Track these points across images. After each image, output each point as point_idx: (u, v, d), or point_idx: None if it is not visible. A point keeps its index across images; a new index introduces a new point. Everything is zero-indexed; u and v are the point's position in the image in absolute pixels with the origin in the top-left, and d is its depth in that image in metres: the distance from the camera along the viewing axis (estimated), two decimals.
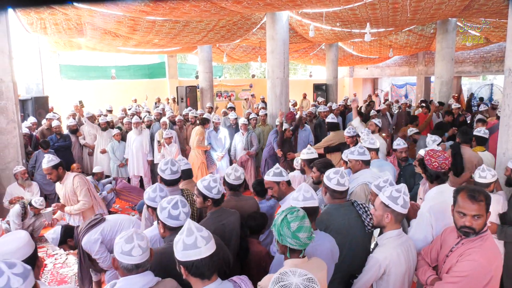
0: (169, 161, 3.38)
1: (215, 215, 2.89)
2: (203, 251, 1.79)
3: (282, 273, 1.54)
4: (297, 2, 6.50)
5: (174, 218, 2.36)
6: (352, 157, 3.64)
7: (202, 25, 9.31)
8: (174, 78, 17.17)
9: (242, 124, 7.58)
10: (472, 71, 16.70)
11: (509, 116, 3.96)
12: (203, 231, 1.86)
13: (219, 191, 2.86)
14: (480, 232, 2.08)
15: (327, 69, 15.75)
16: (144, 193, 2.90)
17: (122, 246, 1.97)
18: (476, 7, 7.45)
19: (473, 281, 2.01)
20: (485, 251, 2.05)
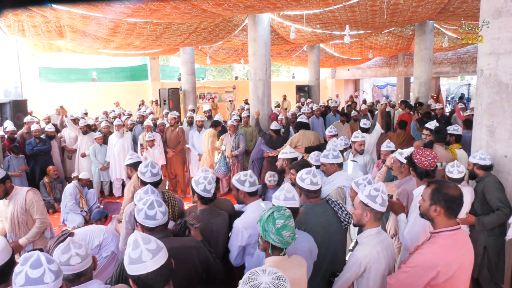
0: (149, 163, 3.37)
1: (204, 213, 2.93)
2: (149, 266, 1.71)
3: (252, 272, 1.55)
4: (278, 4, 6.57)
5: (151, 218, 2.35)
6: (327, 161, 3.69)
7: (184, 27, 9.30)
8: (156, 80, 17.06)
9: (230, 125, 7.62)
10: (450, 72, 17.11)
11: (481, 115, 4.09)
12: (150, 243, 1.77)
13: (206, 189, 2.89)
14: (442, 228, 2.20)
15: (309, 71, 15.90)
16: (135, 195, 2.87)
17: (60, 257, 1.93)
18: (451, 10, 7.67)
19: (420, 273, 2.12)
20: (437, 247, 2.15)
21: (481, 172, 3.82)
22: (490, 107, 3.97)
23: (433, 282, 2.10)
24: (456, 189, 2.19)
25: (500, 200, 3.61)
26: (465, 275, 2.19)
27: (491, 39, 3.89)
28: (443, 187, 2.20)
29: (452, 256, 2.11)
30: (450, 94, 21.73)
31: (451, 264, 2.09)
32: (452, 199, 2.16)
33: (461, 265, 2.13)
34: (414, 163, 3.16)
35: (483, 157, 3.82)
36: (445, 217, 2.19)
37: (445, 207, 2.17)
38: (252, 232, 2.70)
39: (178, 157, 7.97)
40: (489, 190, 3.68)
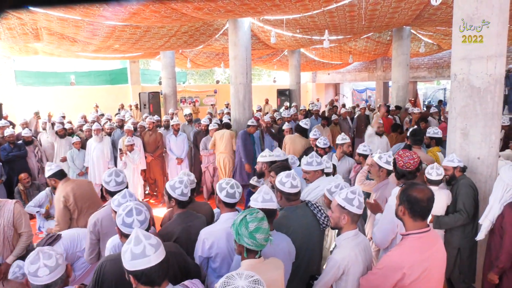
0: (112, 172, 3.29)
1: (182, 216, 2.92)
2: (153, 259, 1.76)
3: (228, 276, 1.56)
4: (258, 9, 6.62)
5: (127, 225, 2.35)
6: (311, 168, 3.63)
7: (164, 31, 9.25)
8: (136, 84, 16.88)
9: (212, 129, 7.66)
10: (427, 76, 17.54)
11: (455, 118, 4.21)
12: (151, 238, 1.83)
13: (183, 193, 2.88)
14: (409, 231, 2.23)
15: (290, 75, 16.03)
16: (113, 200, 2.83)
17: (28, 267, 1.91)
18: (427, 16, 7.88)
19: (386, 275, 2.15)
20: (403, 249, 2.19)
21: (460, 174, 3.92)
22: (463, 111, 4.09)
23: (399, 283, 2.13)
24: (423, 192, 2.18)
25: (464, 204, 3.69)
26: (435, 277, 2.21)
27: (463, 44, 4.02)
28: (409, 189, 2.22)
29: (418, 258, 2.13)
30: (427, 98, 22.25)
31: (417, 267, 2.11)
32: (415, 200, 2.17)
33: (428, 267, 2.14)
34: (395, 164, 3.26)
35: (460, 160, 3.92)
36: (410, 219, 2.21)
37: (409, 208, 2.19)
38: (213, 242, 2.62)
39: (157, 161, 7.90)
40: (460, 191, 3.77)
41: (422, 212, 2.19)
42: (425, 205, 2.17)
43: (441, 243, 2.34)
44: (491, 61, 3.89)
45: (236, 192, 2.77)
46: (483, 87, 3.94)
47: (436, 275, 2.23)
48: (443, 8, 7.09)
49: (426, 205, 2.17)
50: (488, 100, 3.96)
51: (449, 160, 3.96)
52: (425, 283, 2.15)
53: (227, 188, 2.76)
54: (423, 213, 2.19)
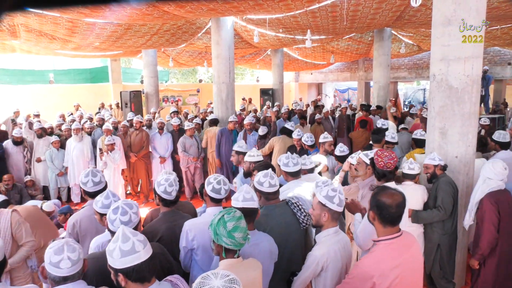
0: (89, 172, 3.22)
1: (167, 215, 2.90)
2: (142, 255, 1.77)
3: (204, 276, 1.55)
4: (240, 8, 6.60)
5: (111, 222, 2.36)
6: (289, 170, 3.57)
7: (146, 29, 9.14)
8: (117, 83, 16.63)
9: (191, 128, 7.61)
10: (407, 77, 17.84)
11: (434, 118, 4.29)
12: (138, 235, 1.83)
13: (166, 191, 2.86)
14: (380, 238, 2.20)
15: (273, 74, 16.07)
16: (95, 202, 2.78)
17: (51, 257, 1.90)
18: (407, 17, 8.01)
19: (357, 283, 2.12)
20: (372, 258, 2.14)
21: (440, 172, 4.00)
22: (442, 110, 4.17)
23: None
24: (392, 197, 2.13)
25: (442, 200, 3.79)
26: (409, 282, 2.17)
27: (442, 46, 4.10)
28: (379, 193, 2.18)
29: (388, 266, 2.08)
30: (407, 98, 22.64)
31: (387, 275, 2.06)
32: (383, 206, 2.13)
33: (401, 274, 2.09)
34: (374, 164, 3.29)
35: (440, 158, 4.00)
36: (380, 224, 2.17)
37: (377, 214, 2.15)
38: (196, 234, 2.63)
39: (141, 162, 7.80)
40: (440, 188, 3.86)
41: (391, 218, 2.14)
42: (393, 211, 2.12)
43: (417, 247, 2.29)
44: (468, 62, 3.98)
45: (222, 189, 2.76)
46: (461, 87, 4.03)
47: (411, 280, 2.19)
48: (423, 9, 7.21)
49: (394, 211, 2.12)
50: (466, 100, 4.05)
51: (430, 158, 4.05)
52: None
53: (213, 183, 2.76)
54: (392, 219, 2.14)
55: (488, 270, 3.52)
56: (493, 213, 3.39)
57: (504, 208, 3.46)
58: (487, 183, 3.50)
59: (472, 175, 4.24)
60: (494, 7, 6.69)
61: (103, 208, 2.70)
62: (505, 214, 3.46)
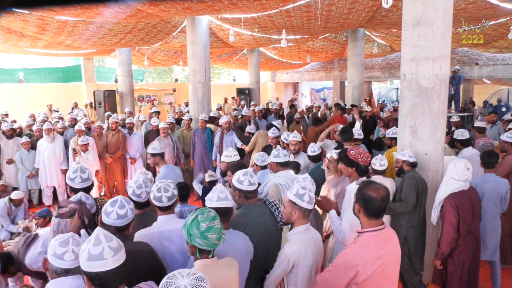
0: (78, 168, 3.21)
1: (140, 217, 2.84)
2: (109, 263, 1.68)
3: (170, 276, 1.54)
4: (215, 7, 6.59)
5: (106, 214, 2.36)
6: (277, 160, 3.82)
7: (119, 27, 8.99)
8: (91, 82, 16.26)
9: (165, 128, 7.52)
10: (380, 77, 18.22)
11: (405, 116, 4.41)
12: (112, 241, 1.75)
13: (135, 193, 2.82)
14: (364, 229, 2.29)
15: (250, 74, 16.10)
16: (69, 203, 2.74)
17: (56, 249, 1.92)
18: (379, 18, 8.19)
19: (341, 272, 2.20)
20: (357, 247, 2.24)
21: (408, 168, 4.11)
22: (412, 109, 4.29)
23: (353, 281, 2.18)
24: (378, 191, 2.23)
25: (406, 194, 3.89)
26: (389, 274, 2.26)
27: (412, 46, 4.21)
28: (365, 187, 2.27)
29: (371, 256, 2.17)
30: (381, 98, 23.12)
31: (370, 264, 2.15)
32: (367, 199, 2.22)
33: (382, 264, 2.18)
34: (356, 162, 3.35)
35: (411, 155, 4.11)
36: (365, 217, 2.26)
37: (363, 206, 2.25)
38: None
39: (117, 163, 7.68)
40: (404, 182, 3.98)
41: (376, 211, 2.23)
42: (378, 204, 2.21)
43: (396, 241, 2.38)
44: (436, 62, 4.11)
45: (163, 196, 2.66)
46: (430, 86, 4.15)
47: (390, 272, 2.28)
48: (394, 10, 7.39)
49: (379, 205, 2.21)
50: (435, 99, 4.18)
51: (401, 154, 4.18)
52: (379, 280, 2.20)
53: (154, 191, 2.70)
54: (376, 212, 2.24)
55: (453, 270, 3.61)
56: (453, 215, 3.47)
57: (465, 209, 3.52)
58: (449, 183, 3.56)
59: (441, 171, 4.38)
60: (461, 8, 6.93)
61: None
62: (467, 214, 3.52)
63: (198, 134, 7.70)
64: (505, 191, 4.16)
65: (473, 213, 3.58)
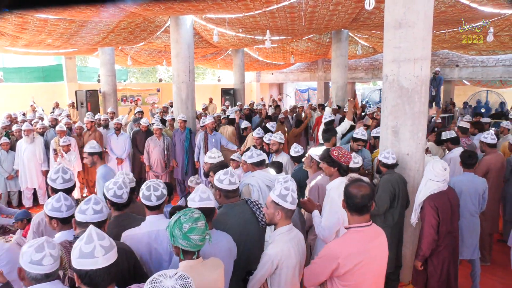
0: (59, 169, 3.17)
1: (118, 219, 2.82)
2: (100, 262, 1.69)
3: (153, 280, 1.52)
4: (199, 7, 6.56)
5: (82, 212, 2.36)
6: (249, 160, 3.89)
7: (102, 26, 8.86)
8: (73, 82, 15.99)
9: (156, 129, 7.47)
10: (364, 77, 18.43)
11: (387, 117, 4.47)
12: (104, 239, 1.76)
13: (116, 194, 2.79)
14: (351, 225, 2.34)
15: (234, 74, 16.08)
16: (46, 204, 2.67)
17: (32, 255, 1.87)
18: (362, 20, 8.28)
19: (324, 263, 2.27)
20: (341, 241, 2.31)
21: (384, 169, 4.15)
22: (394, 110, 4.35)
23: (335, 273, 2.22)
24: (359, 188, 2.27)
25: (379, 198, 3.87)
26: (371, 271, 2.29)
27: (393, 47, 4.27)
28: (349, 184, 2.33)
29: (353, 251, 2.21)
30: (364, 98, 23.39)
31: (351, 258, 2.20)
32: (348, 195, 2.28)
33: (364, 260, 2.22)
34: (339, 162, 3.38)
35: (387, 156, 4.12)
36: (348, 212, 2.32)
37: (347, 203, 2.31)
38: (131, 246, 2.50)
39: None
40: (380, 186, 4.01)
41: (356, 208, 2.27)
42: (358, 201, 2.25)
43: (383, 239, 2.40)
44: (417, 64, 4.18)
45: (152, 195, 2.62)
46: (411, 87, 4.22)
47: (373, 269, 2.30)
48: (377, 12, 7.48)
49: (359, 202, 2.25)
50: (416, 100, 4.25)
51: (380, 154, 4.22)
52: (359, 275, 2.23)
53: (143, 189, 2.66)
54: (357, 208, 2.27)
55: (433, 270, 3.66)
56: (432, 217, 3.52)
57: (444, 209, 3.56)
58: (428, 185, 3.59)
59: (423, 171, 4.44)
60: (442, 11, 7.06)
61: (53, 211, 2.60)
62: (446, 215, 3.56)
63: (178, 134, 7.70)
64: (483, 190, 4.25)
65: (452, 213, 3.63)
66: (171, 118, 8.29)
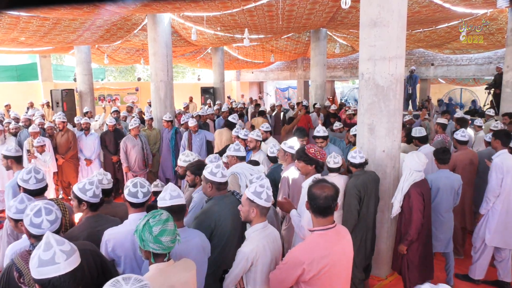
0: (31, 169, 3.07)
1: (90, 220, 2.74)
2: (62, 267, 1.61)
3: (114, 282, 1.49)
4: (176, 5, 6.50)
5: (36, 226, 2.16)
6: (230, 153, 4.00)
7: (77, 24, 8.67)
8: (48, 81, 15.62)
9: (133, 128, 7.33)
10: (343, 76, 18.65)
11: (363, 115, 4.52)
12: (64, 244, 1.68)
13: (96, 194, 2.73)
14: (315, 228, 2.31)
15: (214, 73, 16.02)
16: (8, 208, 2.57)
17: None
18: (339, 19, 8.37)
19: (289, 270, 2.22)
20: (305, 245, 2.26)
21: (353, 169, 4.14)
22: (370, 108, 4.41)
23: (301, 278, 2.20)
24: (322, 189, 2.23)
25: (349, 204, 3.87)
26: (337, 273, 2.27)
27: (369, 46, 4.33)
28: (313, 185, 2.30)
29: (318, 255, 2.17)
30: (344, 97, 23.66)
31: (317, 263, 2.16)
32: (312, 196, 2.24)
33: (329, 264, 2.18)
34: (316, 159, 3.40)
35: (354, 156, 4.04)
36: (312, 213, 2.29)
37: (310, 205, 2.27)
38: (115, 244, 2.49)
39: (70, 164, 7.39)
40: (346, 190, 3.94)
41: (319, 210, 2.23)
42: (321, 202, 2.20)
43: (348, 240, 2.38)
44: (392, 62, 4.24)
45: (139, 192, 2.61)
46: (386, 85, 4.28)
47: (339, 271, 2.27)
48: (353, 12, 7.57)
49: (322, 203, 2.20)
50: (391, 98, 4.32)
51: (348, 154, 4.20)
52: (326, 279, 2.20)
53: (129, 186, 2.64)
54: (320, 210, 2.23)
55: (413, 252, 3.79)
56: (420, 202, 3.67)
57: (427, 195, 3.78)
58: (414, 175, 3.75)
59: (398, 167, 4.53)
60: (416, 11, 7.20)
61: (18, 214, 2.50)
62: (428, 200, 3.79)
63: (165, 133, 7.69)
64: (458, 186, 4.37)
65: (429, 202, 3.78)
66: (149, 118, 8.18)
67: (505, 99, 8.32)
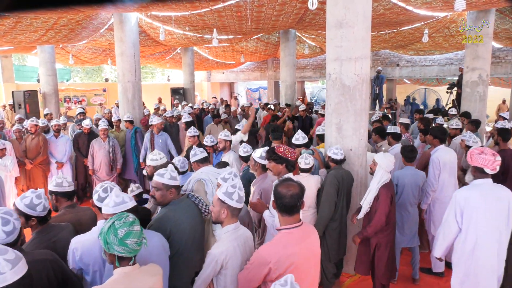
0: None
1: (42, 233, 2.61)
2: (9, 277, 1.57)
3: None
4: (143, 4, 6.39)
5: None
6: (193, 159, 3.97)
7: (39, 23, 8.35)
8: (9, 82, 15.03)
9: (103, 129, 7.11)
10: (312, 76, 18.90)
11: (331, 114, 4.60)
12: (8, 253, 1.63)
13: (45, 207, 2.59)
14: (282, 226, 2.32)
15: (184, 73, 15.86)
16: None
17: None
18: (308, 20, 8.48)
19: (256, 269, 2.21)
20: (271, 245, 2.26)
21: (333, 165, 4.27)
22: (337, 107, 4.49)
23: (268, 277, 2.20)
24: (288, 187, 2.24)
25: (327, 193, 3.97)
26: (304, 271, 2.27)
27: (335, 47, 4.41)
28: (279, 184, 2.30)
29: (284, 253, 2.17)
30: (313, 97, 24.00)
31: (283, 261, 2.16)
32: (278, 195, 2.25)
33: (296, 262, 2.19)
34: (286, 158, 3.41)
35: (336, 152, 4.21)
36: (278, 212, 2.30)
37: (276, 204, 2.27)
38: (83, 253, 2.39)
39: (38, 169, 7.10)
40: (326, 181, 4.08)
41: (285, 208, 2.23)
42: (287, 201, 2.21)
43: (315, 238, 2.39)
44: (358, 62, 4.34)
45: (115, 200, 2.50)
46: (352, 85, 4.38)
47: (306, 269, 2.28)
48: (321, 13, 7.68)
49: (288, 201, 2.21)
50: (357, 98, 4.41)
51: (329, 149, 4.31)
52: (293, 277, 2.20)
53: (99, 191, 2.57)
54: (286, 209, 2.23)
55: (381, 254, 3.86)
56: (387, 205, 3.70)
57: (393, 198, 3.82)
58: (385, 177, 3.76)
59: (365, 165, 4.64)
60: (381, 13, 7.40)
61: None
62: (393, 204, 3.82)
63: (127, 134, 7.60)
64: (422, 182, 4.53)
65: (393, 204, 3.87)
66: (117, 119, 8.00)
67: (465, 98, 8.67)
